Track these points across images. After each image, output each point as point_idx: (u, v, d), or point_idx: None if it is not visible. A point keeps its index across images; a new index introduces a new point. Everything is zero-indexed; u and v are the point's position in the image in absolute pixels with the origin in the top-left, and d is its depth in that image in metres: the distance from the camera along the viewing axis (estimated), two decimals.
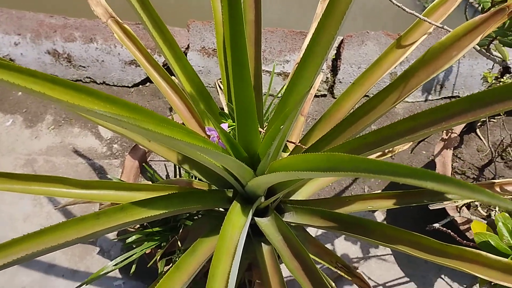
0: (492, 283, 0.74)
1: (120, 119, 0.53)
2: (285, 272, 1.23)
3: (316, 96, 1.56)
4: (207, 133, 0.87)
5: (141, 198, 0.81)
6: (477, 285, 0.85)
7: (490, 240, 0.71)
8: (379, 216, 1.37)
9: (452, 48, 0.72)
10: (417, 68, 0.75)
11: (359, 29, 1.55)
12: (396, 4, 0.83)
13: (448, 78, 1.51)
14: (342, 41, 1.54)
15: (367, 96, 1.50)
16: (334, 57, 1.55)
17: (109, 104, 0.65)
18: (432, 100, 1.56)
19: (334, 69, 1.54)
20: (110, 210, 0.77)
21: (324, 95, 1.58)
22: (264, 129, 0.93)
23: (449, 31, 0.78)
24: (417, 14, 0.83)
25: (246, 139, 0.83)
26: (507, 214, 0.74)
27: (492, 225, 0.97)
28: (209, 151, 0.67)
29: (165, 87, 1.02)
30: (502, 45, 0.86)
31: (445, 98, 1.57)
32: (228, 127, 0.86)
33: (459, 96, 1.57)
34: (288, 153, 0.94)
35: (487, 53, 0.87)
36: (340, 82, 1.54)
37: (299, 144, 0.93)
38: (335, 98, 1.56)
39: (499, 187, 0.91)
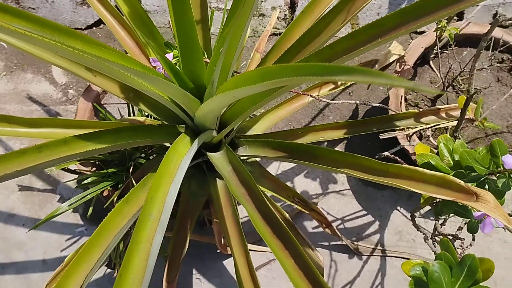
0: (432, 202, 0.76)
1: (42, 37, 0.51)
2: (242, 214, 1.25)
3: (274, 34, 1.53)
4: (152, 64, 0.85)
5: None
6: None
7: (431, 161, 0.73)
8: None
9: None
10: None
11: None
12: None
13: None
14: None
15: None
16: None
17: (39, 26, 0.63)
18: None
19: (292, 6, 1.51)
20: (52, 143, 0.75)
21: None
22: None
23: None
24: None
25: (191, 69, 0.82)
26: (449, 136, 0.76)
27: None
28: (147, 76, 0.65)
29: (114, 24, 0.99)
30: None
31: None
32: (174, 57, 0.84)
33: (417, 31, 1.56)
34: None
35: None
36: None
37: None
38: None
39: (445, 112, 0.92)
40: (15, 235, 1.29)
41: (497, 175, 0.64)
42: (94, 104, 1.18)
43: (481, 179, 0.66)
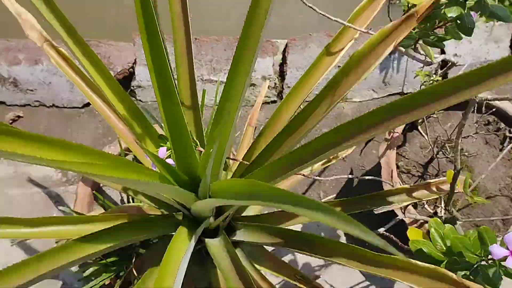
0: None
1: (40, 159, 0.53)
2: None
3: (266, 103, 1.57)
4: (147, 159, 0.88)
5: (90, 231, 0.81)
6: None
7: (423, 248, 0.73)
8: None
9: (370, 56, 0.74)
10: (340, 78, 0.77)
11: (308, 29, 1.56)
12: (319, 12, 0.84)
13: (391, 76, 1.54)
14: (286, 45, 1.55)
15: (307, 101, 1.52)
16: (280, 62, 1.56)
17: (35, 143, 0.65)
18: (379, 98, 1.59)
19: (282, 74, 1.56)
20: (53, 251, 0.77)
21: (274, 101, 1.59)
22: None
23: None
24: (341, 21, 0.84)
25: (185, 161, 0.84)
26: (439, 220, 0.77)
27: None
28: (144, 183, 0.68)
29: (108, 113, 1.02)
30: (426, 45, 0.89)
31: (390, 95, 1.60)
32: (167, 150, 0.87)
33: (403, 93, 1.60)
34: (231, 171, 0.95)
35: (411, 54, 0.90)
36: (289, 87, 1.55)
37: (242, 160, 0.95)
38: None
39: (435, 186, 0.94)
40: None
41: (488, 263, 0.65)
42: (94, 192, 1.20)
43: (474, 266, 0.67)
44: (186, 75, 0.95)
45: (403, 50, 0.94)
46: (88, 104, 1.63)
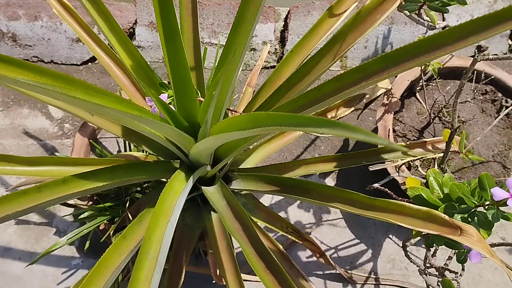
0: (423, 234, 0.78)
1: (44, 87, 0.53)
2: (237, 244, 1.26)
3: (266, 68, 1.58)
4: (148, 104, 0.88)
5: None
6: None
7: (422, 193, 0.75)
8: (330, 182, 1.41)
9: (376, 12, 0.75)
10: (345, 32, 0.77)
11: None
12: None
13: (392, 46, 1.55)
14: (289, 12, 1.55)
15: None
16: (282, 28, 1.56)
17: (39, 75, 0.66)
18: None
19: (283, 40, 1.56)
20: (52, 183, 0.77)
21: (274, 66, 1.60)
22: None
23: None
24: None
25: (186, 109, 0.85)
26: (437, 169, 0.78)
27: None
28: (144, 119, 0.68)
29: (109, 63, 1.02)
30: (430, 10, 0.89)
31: None
32: (168, 97, 0.87)
33: None
34: None
35: (417, 18, 0.90)
36: None
37: (242, 112, 0.96)
38: None
39: (431, 145, 0.96)
40: (11, 269, 1.30)
41: (486, 207, 0.67)
42: (90, 140, 1.20)
43: (471, 211, 0.69)
44: (190, 31, 0.95)
45: (408, 13, 0.95)
46: (86, 62, 1.63)
